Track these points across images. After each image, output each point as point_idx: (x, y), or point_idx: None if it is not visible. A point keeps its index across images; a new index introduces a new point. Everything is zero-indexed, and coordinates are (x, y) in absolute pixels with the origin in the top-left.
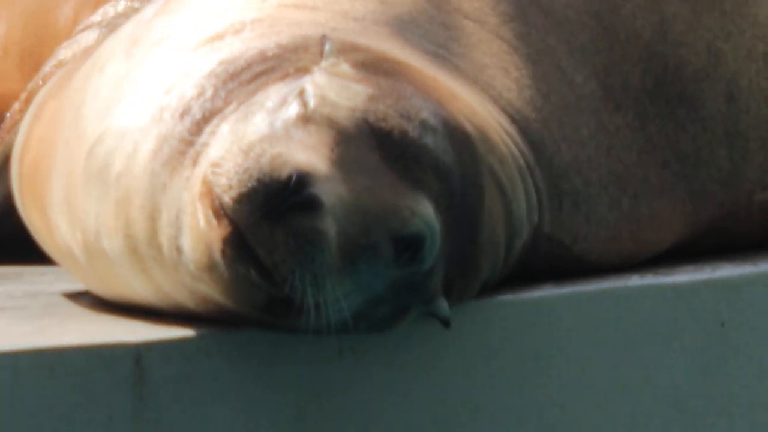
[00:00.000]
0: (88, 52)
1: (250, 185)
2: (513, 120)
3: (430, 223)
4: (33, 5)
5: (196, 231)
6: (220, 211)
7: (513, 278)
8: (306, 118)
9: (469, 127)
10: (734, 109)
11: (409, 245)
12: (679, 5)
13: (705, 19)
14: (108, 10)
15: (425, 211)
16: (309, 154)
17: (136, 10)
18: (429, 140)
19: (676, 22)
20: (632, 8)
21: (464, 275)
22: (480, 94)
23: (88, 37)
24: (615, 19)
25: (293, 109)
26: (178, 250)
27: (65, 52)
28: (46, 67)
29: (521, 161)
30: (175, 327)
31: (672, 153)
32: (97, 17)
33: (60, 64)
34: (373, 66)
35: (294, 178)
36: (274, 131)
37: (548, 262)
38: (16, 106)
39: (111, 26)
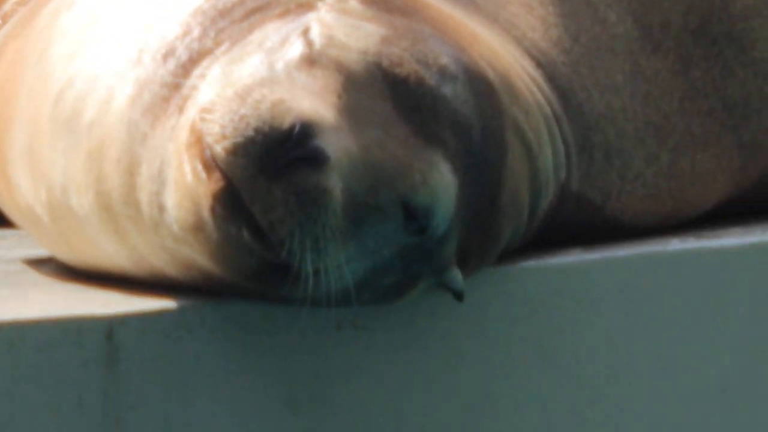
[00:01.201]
0: None
1: (246, 134)
2: (538, 64)
3: (444, 190)
4: None
5: (182, 185)
6: (210, 163)
7: (537, 242)
8: (311, 60)
9: (491, 74)
10: None
11: (419, 213)
12: None
13: None
14: None
15: (438, 177)
16: (314, 101)
17: None
18: (448, 90)
19: None
20: None
21: (482, 242)
22: (502, 35)
23: None
24: None
25: (297, 50)
26: (160, 207)
27: None
28: (7, 5)
29: (548, 111)
30: (152, 298)
31: (718, 100)
32: None
33: (22, 2)
34: (385, 2)
35: (297, 128)
36: (275, 74)
37: (577, 223)
38: None
39: None
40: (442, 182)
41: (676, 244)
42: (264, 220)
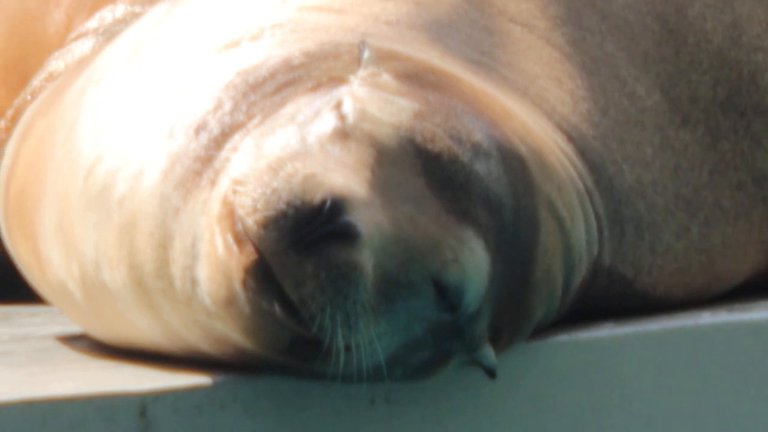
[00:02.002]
0: (82, 63)
1: (278, 208)
2: (569, 138)
3: (475, 268)
4: (18, 11)
5: (213, 259)
6: (242, 236)
7: (569, 317)
8: (343, 134)
9: (524, 151)
10: None
11: (450, 291)
12: (753, 5)
13: None
14: (105, 16)
15: (470, 255)
16: (346, 176)
17: (136, 16)
18: (481, 166)
19: (751, 24)
20: (701, 9)
21: (515, 319)
22: (532, 109)
23: (82, 47)
24: (682, 22)
25: (329, 123)
26: (193, 281)
27: (57, 63)
28: (35, 81)
29: (580, 186)
30: (185, 374)
31: (748, 173)
32: (92, 24)
33: (51, 77)
34: (417, 77)
35: (329, 203)
36: (307, 147)
37: (609, 298)
38: (2, 124)
39: (108, 34)
40: (473, 260)
41: (707, 318)
42: (295, 295)
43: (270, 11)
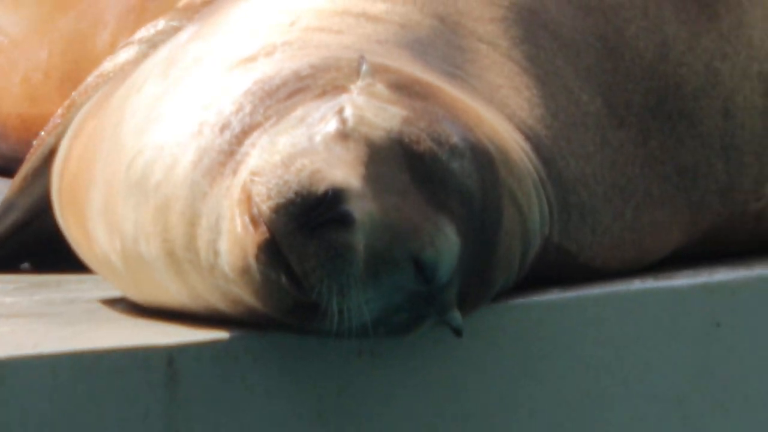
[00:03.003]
0: (126, 69)
1: (288, 197)
2: (526, 137)
3: (448, 250)
4: (72, 32)
5: (233, 235)
6: (257, 218)
7: (523, 284)
8: (344, 136)
9: (492, 150)
10: (731, 124)
11: (430, 265)
12: (679, 27)
13: (703, 41)
14: (149, 29)
15: (444, 239)
16: (345, 171)
17: (175, 29)
18: (456, 165)
19: (677, 43)
20: (636, 30)
21: (479, 288)
22: (497, 114)
23: (128, 54)
24: (619, 41)
25: (332, 126)
26: (215, 253)
27: (108, 65)
28: (90, 78)
29: (535, 177)
30: (206, 330)
31: (672, 166)
32: (138, 35)
33: (102, 76)
34: (406, 87)
35: (330, 193)
36: (314, 146)
37: (556, 269)
38: (60, 111)
39: (151, 43)
40: (446, 243)
41: (637, 285)
42: (299, 269)
43: (281, 32)
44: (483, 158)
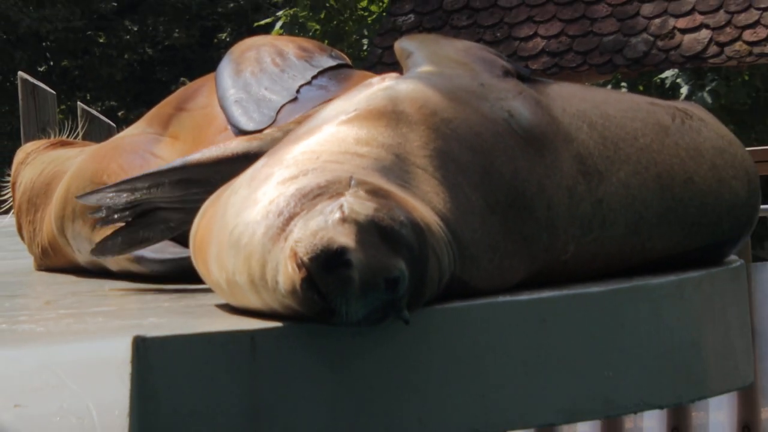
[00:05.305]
0: (235, 177)
1: (316, 252)
2: (441, 218)
3: (403, 275)
4: (196, 132)
5: (286, 274)
6: (300, 265)
7: (439, 297)
8: (343, 219)
9: (423, 224)
10: (551, 213)
11: (393, 284)
12: (522, 160)
13: (536, 167)
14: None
15: (401, 269)
16: (346, 238)
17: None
18: (404, 232)
19: (521, 169)
20: (500, 162)
21: (417, 296)
22: (426, 207)
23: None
24: (491, 166)
25: (337, 215)
26: (276, 282)
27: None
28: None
29: (446, 240)
30: (271, 321)
31: (519, 235)
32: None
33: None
34: (375, 192)
35: (339, 250)
36: (327, 225)
37: (458, 290)
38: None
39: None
40: (402, 272)
41: (505, 297)
42: (324, 291)
43: (312, 163)
44: (418, 228)
